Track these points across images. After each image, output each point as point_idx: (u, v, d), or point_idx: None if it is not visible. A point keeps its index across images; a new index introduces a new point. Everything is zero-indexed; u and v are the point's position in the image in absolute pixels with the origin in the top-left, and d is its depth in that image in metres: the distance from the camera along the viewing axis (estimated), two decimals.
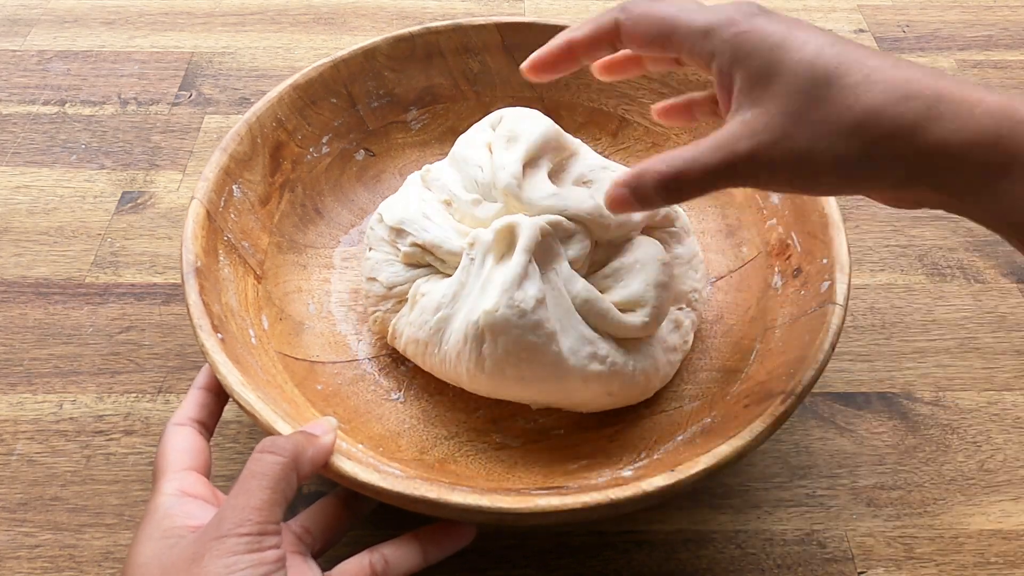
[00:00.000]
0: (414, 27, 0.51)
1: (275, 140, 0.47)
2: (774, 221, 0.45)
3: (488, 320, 0.36)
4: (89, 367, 0.46)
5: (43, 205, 0.53)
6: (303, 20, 0.67)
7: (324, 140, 0.49)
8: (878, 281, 0.51)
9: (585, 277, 0.39)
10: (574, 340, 0.37)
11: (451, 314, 0.39)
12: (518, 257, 0.37)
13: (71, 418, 0.44)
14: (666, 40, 0.32)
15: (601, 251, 0.40)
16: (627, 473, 0.37)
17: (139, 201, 0.54)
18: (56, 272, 0.50)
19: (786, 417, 0.35)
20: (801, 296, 0.41)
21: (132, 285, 0.49)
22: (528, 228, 0.37)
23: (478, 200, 0.41)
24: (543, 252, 0.38)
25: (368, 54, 0.50)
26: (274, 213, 0.46)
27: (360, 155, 0.51)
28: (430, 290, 0.40)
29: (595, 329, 0.38)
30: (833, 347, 0.37)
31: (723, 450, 0.33)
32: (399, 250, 0.41)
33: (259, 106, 0.46)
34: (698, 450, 0.35)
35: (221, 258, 0.41)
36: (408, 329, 0.40)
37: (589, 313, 0.38)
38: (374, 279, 0.42)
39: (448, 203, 0.42)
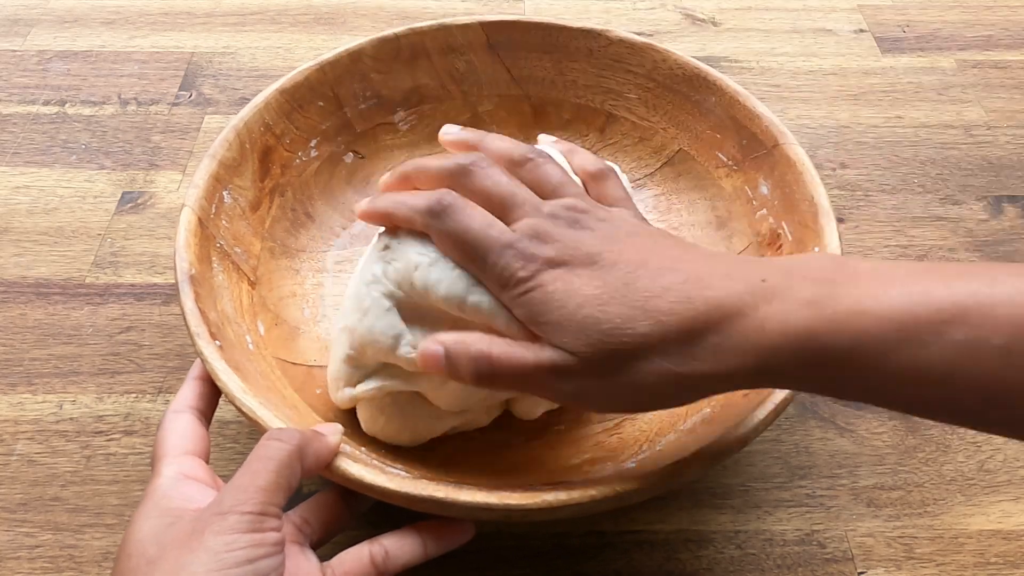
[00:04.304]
0: (399, 28, 0.50)
1: (263, 145, 0.46)
2: (764, 211, 0.45)
3: None
4: (89, 367, 0.46)
5: (43, 205, 0.53)
6: (303, 20, 0.67)
7: (312, 144, 0.49)
8: None
9: None
10: None
11: None
12: None
13: (71, 418, 0.44)
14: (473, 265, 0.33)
15: None
16: (631, 466, 0.37)
17: (139, 201, 0.54)
18: (56, 272, 0.50)
19: (786, 405, 0.35)
20: None
21: (132, 285, 0.49)
22: None
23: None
24: None
25: (353, 56, 0.49)
26: (265, 218, 0.46)
27: (349, 158, 0.51)
28: None
29: None
30: None
31: (726, 438, 0.34)
32: None
33: (246, 111, 0.46)
34: (700, 440, 0.35)
35: (215, 265, 0.41)
36: None
37: None
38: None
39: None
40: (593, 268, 0.30)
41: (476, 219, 0.33)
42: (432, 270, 0.34)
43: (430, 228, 0.34)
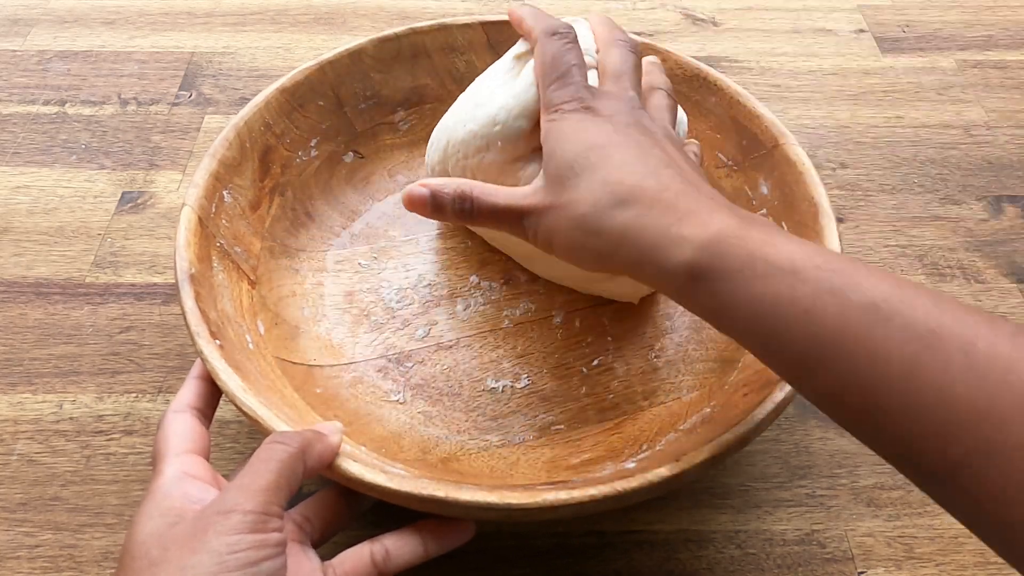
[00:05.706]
0: (399, 27, 0.50)
1: (264, 144, 0.46)
2: (764, 211, 0.46)
3: None
4: (89, 367, 0.46)
5: (43, 205, 0.53)
6: (303, 20, 0.67)
7: (312, 143, 0.49)
8: None
9: None
10: None
11: None
12: None
13: (71, 418, 0.44)
14: None
15: None
16: (631, 465, 0.37)
17: (139, 201, 0.54)
18: (56, 272, 0.50)
19: (786, 404, 0.35)
20: None
21: (132, 285, 0.49)
22: None
23: None
24: None
25: (354, 56, 0.49)
26: (265, 218, 0.46)
27: (349, 157, 0.51)
28: None
29: None
30: None
31: (727, 438, 0.34)
32: None
33: (247, 111, 0.46)
34: (700, 439, 0.35)
35: (215, 264, 0.41)
36: None
37: None
38: None
39: None
40: (612, 123, 0.34)
41: (577, 55, 0.36)
42: None
43: (543, 42, 0.37)
